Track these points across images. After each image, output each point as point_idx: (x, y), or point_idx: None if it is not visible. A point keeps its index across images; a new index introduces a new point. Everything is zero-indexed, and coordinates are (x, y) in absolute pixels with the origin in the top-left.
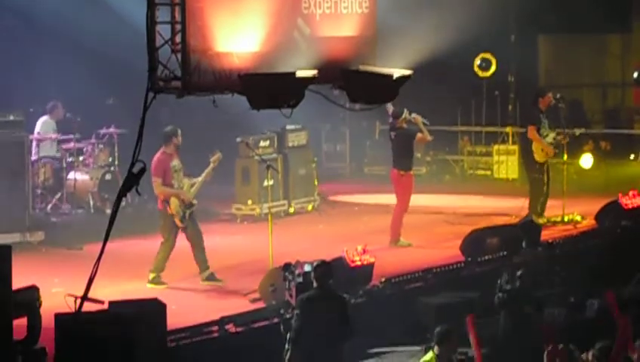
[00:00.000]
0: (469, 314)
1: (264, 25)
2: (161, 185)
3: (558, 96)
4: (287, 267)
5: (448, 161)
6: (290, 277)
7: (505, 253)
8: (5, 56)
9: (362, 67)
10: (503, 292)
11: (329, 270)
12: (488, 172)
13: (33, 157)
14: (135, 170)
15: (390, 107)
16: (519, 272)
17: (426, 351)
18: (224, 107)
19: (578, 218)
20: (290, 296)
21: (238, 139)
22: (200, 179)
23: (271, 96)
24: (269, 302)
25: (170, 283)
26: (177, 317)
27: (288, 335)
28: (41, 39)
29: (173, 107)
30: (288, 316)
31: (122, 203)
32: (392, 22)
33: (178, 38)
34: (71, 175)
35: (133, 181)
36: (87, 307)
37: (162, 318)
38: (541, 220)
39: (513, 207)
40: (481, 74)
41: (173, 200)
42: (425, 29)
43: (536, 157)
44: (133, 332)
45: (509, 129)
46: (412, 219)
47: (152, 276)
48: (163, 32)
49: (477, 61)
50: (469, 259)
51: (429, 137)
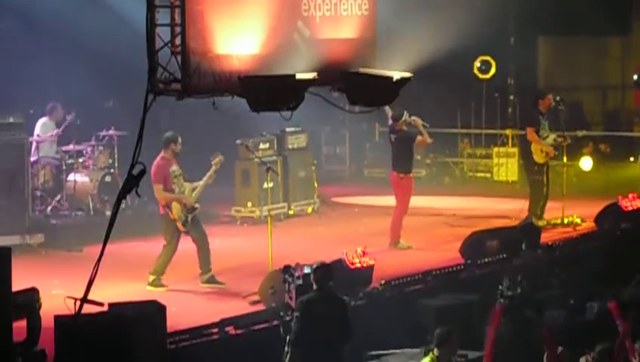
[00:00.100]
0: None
1: (264, 27)
2: (162, 190)
3: (557, 98)
4: (286, 269)
5: (448, 163)
6: (289, 280)
7: (504, 256)
8: (5, 58)
9: (362, 69)
10: (505, 299)
11: (329, 272)
12: (488, 174)
13: (33, 159)
14: (135, 172)
15: (389, 110)
16: (519, 277)
17: (425, 353)
18: (224, 109)
19: (578, 220)
20: (290, 299)
21: (238, 141)
22: (202, 182)
23: (271, 98)
24: (268, 304)
25: (170, 286)
26: (177, 319)
27: (288, 338)
28: (41, 41)
29: (172, 109)
30: (288, 318)
31: (122, 205)
32: (392, 24)
33: (178, 41)
34: (71, 177)
35: (132, 183)
36: (87, 309)
37: (162, 320)
38: (541, 223)
39: (513, 210)
40: (480, 76)
41: (175, 205)
42: (424, 31)
43: (536, 159)
44: (133, 334)
45: (508, 131)
46: (412, 222)
47: (152, 278)
48: (163, 34)
49: (477, 63)
50: (469, 261)
51: (429, 140)
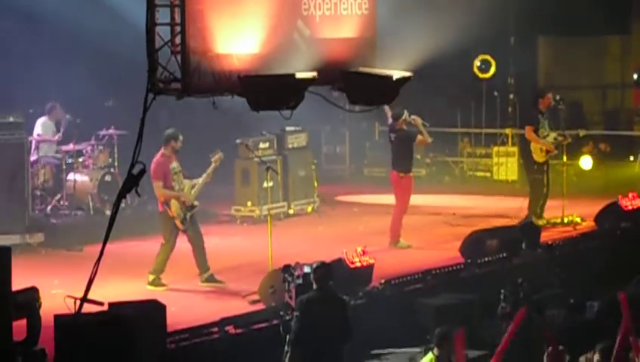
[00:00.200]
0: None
1: (264, 26)
2: (162, 187)
3: (557, 97)
4: (286, 268)
5: (448, 162)
6: (289, 279)
7: (504, 255)
8: (5, 57)
9: (362, 68)
10: (507, 304)
11: (329, 271)
12: (488, 173)
13: (32, 159)
14: (135, 171)
15: (388, 109)
16: (520, 280)
17: (425, 353)
18: (224, 109)
19: (578, 219)
20: (290, 298)
21: (238, 140)
22: (201, 180)
23: (270, 97)
24: (268, 303)
25: (170, 285)
26: (177, 318)
27: (288, 337)
28: (41, 40)
29: (172, 108)
30: (288, 317)
31: (122, 204)
32: (392, 23)
33: (178, 40)
34: (70, 176)
35: (132, 182)
36: (87, 308)
37: (162, 319)
38: (541, 222)
39: (513, 209)
40: (480, 75)
41: (174, 203)
42: (424, 30)
43: (536, 158)
44: (133, 334)
45: (508, 130)
46: (412, 221)
47: (151, 278)
48: (163, 33)
49: (477, 63)
50: (469, 260)
51: (429, 139)
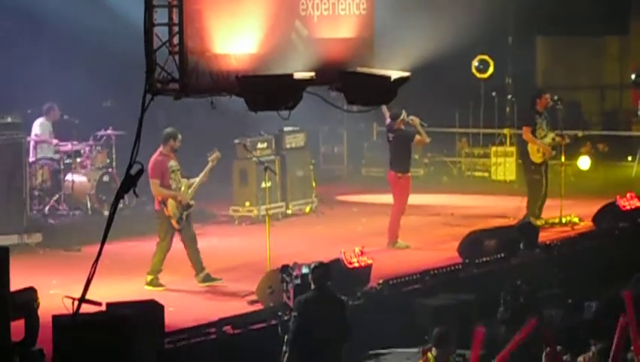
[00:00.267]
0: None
1: (262, 27)
2: (159, 186)
3: (555, 97)
4: (284, 269)
5: (446, 162)
6: (287, 279)
7: (502, 255)
8: (3, 58)
9: (360, 69)
10: (507, 309)
11: (327, 272)
12: (486, 173)
13: (31, 159)
14: (133, 171)
15: (386, 109)
16: (518, 282)
17: (423, 353)
18: (222, 109)
19: (576, 219)
20: (288, 298)
21: (236, 140)
22: (198, 179)
23: (268, 97)
24: (266, 303)
25: (168, 285)
26: (175, 318)
27: (286, 337)
28: (40, 41)
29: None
30: (286, 318)
31: (120, 204)
32: (390, 23)
33: (176, 40)
34: (68, 177)
35: (130, 183)
36: (85, 308)
37: (160, 320)
38: (539, 222)
39: (511, 209)
40: (478, 76)
41: (171, 202)
42: (423, 30)
43: (533, 159)
44: (131, 334)
45: (506, 131)
46: (410, 221)
47: (149, 278)
48: (161, 33)
49: (475, 63)
50: (467, 260)
51: (427, 139)
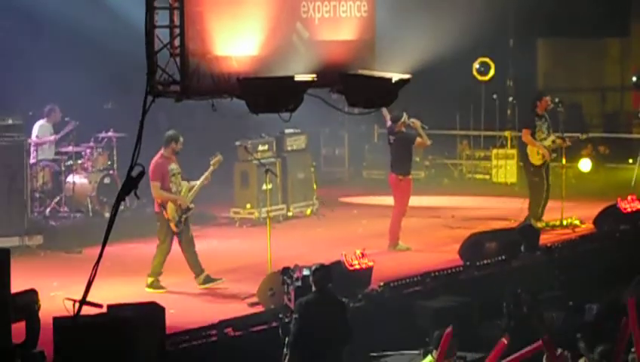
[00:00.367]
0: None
1: (263, 29)
2: (159, 189)
3: (556, 100)
4: (285, 271)
5: (447, 165)
6: (288, 281)
7: (503, 257)
8: (5, 59)
9: (361, 71)
10: (511, 319)
11: (328, 274)
12: (487, 176)
13: (32, 161)
14: (134, 173)
15: (386, 112)
16: (519, 290)
17: (424, 355)
18: (223, 111)
19: (577, 222)
20: (289, 300)
21: (237, 142)
22: (198, 182)
23: (270, 100)
24: (267, 306)
25: (169, 287)
26: (176, 320)
27: (287, 340)
28: (41, 42)
29: (171, 110)
30: (287, 320)
31: (121, 206)
32: (391, 26)
33: (177, 42)
34: (70, 178)
35: (131, 185)
36: (86, 310)
37: (161, 322)
38: (540, 224)
39: (512, 211)
40: (479, 78)
41: (170, 205)
42: (423, 32)
43: (532, 161)
44: (132, 336)
45: (507, 133)
46: (411, 223)
47: (150, 280)
48: (162, 35)
49: (476, 65)
50: (468, 263)
51: (428, 142)
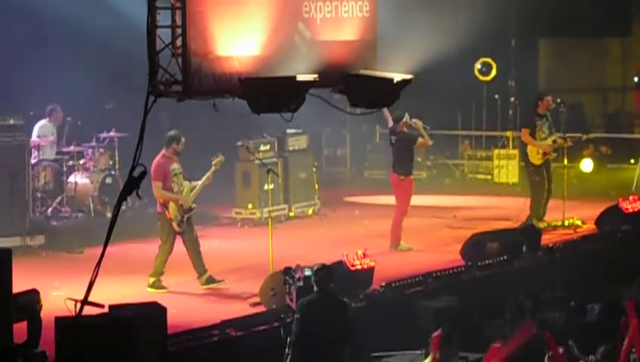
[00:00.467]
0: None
1: (265, 29)
2: (161, 189)
3: (558, 100)
4: (287, 271)
5: (448, 165)
6: (290, 281)
7: (505, 258)
8: (6, 59)
9: (363, 71)
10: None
11: (329, 274)
12: (489, 176)
13: (33, 161)
14: (135, 173)
15: (387, 113)
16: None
17: (426, 356)
18: (224, 111)
19: (578, 222)
20: (291, 300)
21: (239, 142)
22: (200, 182)
23: (271, 100)
24: (269, 306)
25: (171, 287)
26: (178, 320)
27: (289, 340)
28: (42, 42)
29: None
30: (289, 320)
31: (123, 206)
32: (393, 26)
33: (179, 42)
34: (71, 178)
35: (133, 185)
36: (88, 310)
37: (162, 322)
38: (541, 224)
39: (513, 211)
40: (481, 78)
41: (172, 205)
42: (425, 32)
43: (532, 160)
44: (134, 336)
45: (509, 133)
46: (412, 223)
47: (151, 280)
48: (164, 35)
49: (477, 65)
50: (470, 263)
51: (430, 142)
